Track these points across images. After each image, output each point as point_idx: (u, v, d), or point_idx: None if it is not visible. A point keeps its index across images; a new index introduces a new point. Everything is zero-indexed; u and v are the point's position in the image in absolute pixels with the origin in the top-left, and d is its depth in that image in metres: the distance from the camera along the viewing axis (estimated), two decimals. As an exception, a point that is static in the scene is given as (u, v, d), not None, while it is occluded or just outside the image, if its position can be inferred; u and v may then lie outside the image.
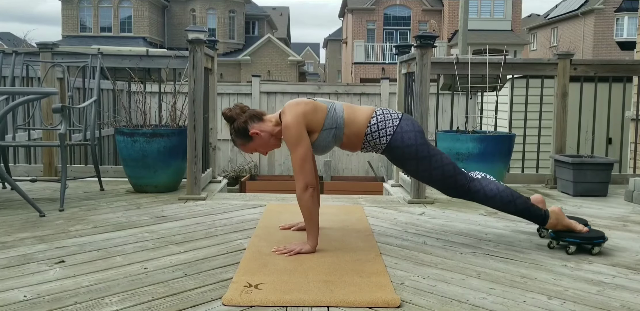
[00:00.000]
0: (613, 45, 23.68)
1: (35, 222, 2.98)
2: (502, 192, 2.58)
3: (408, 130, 2.52)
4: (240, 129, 2.54)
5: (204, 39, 3.95)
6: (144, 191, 3.90)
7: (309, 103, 2.48)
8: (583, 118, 4.61)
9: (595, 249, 2.51)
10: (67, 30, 28.53)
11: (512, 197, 2.58)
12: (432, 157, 2.53)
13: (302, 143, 2.41)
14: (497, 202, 2.58)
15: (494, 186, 2.59)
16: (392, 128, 2.51)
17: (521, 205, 2.58)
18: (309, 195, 2.42)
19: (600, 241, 2.51)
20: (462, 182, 2.57)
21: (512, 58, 4.46)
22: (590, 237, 2.52)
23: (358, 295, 1.91)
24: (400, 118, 2.55)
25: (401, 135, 2.50)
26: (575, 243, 2.51)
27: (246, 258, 2.33)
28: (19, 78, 4.16)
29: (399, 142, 2.51)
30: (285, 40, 37.79)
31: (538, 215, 2.60)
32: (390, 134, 2.51)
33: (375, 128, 2.52)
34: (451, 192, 2.62)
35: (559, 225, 2.58)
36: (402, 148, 2.51)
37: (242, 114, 2.54)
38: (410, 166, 2.56)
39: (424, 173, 2.56)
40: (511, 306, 1.87)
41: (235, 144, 2.63)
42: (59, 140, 3.41)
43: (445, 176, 2.55)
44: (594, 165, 4.01)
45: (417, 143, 2.51)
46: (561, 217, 2.59)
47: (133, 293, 1.93)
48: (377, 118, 2.53)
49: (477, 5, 25.39)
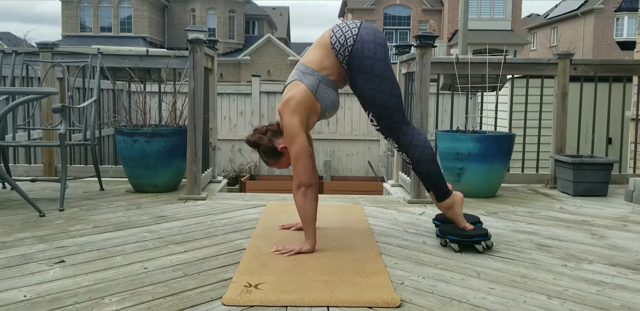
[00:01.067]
0: (613, 45, 23.68)
1: (35, 221, 2.98)
2: (427, 149, 2.57)
3: (368, 40, 2.45)
4: (270, 150, 2.55)
5: (204, 39, 3.95)
6: (144, 191, 3.90)
7: (293, 97, 2.43)
8: (583, 118, 4.61)
9: (479, 247, 2.50)
10: (67, 30, 28.54)
11: (432, 158, 2.57)
12: (384, 79, 2.45)
13: (296, 142, 2.41)
14: (416, 154, 2.56)
15: (423, 138, 2.58)
16: (352, 38, 2.44)
17: (435, 170, 2.58)
18: (300, 194, 2.42)
19: (480, 239, 2.50)
20: (398, 119, 2.53)
21: (512, 58, 4.46)
22: (469, 235, 2.52)
23: (358, 295, 1.91)
24: (359, 26, 2.49)
25: (362, 45, 2.43)
26: (455, 241, 2.52)
27: (246, 258, 2.33)
28: (19, 78, 4.16)
29: (359, 52, 2.43)
30: (285, 40, 37.79)
31: (443, 188, 2.60)
32: (351, 44, 2.43)
33: (339, 45, 2.45)
34: (382, 124, 2.54)
35: (451, 210, 2.59)
36: (360, 59, 2.43)
37: (264, 136, 2.55)
38: (360, 80, 2.47)
39: (368, 92, 2.47)
40: (511, 306, 1.87)
41: (268, 164, 2.64)
42: (59, 140, 3.41)
43: (386, 105, 2.48)
44: (594, 165, 4.01)
45: (375, 57, 2.43)
46: (458, 205, 2.59)
47: (133, 293, 1.93)
48: (336, 35, 2.47)
49: (477, 5, 25.40)
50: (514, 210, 3.51)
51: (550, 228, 3.02)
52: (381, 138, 9.90)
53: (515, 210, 3.52)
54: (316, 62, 2.49)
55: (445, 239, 2.57)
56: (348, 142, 10.10)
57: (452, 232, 2.55)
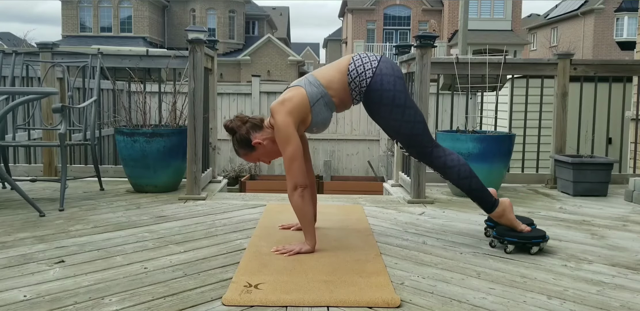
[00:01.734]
0: (613, 45, 23.68)
1: (35, 221, 2.98)
2: (462, 166, 2.57)
3: (387, 73, 2.48)
4: (243, 140, 2.54)
5: (204, 39, 3.95)
6: (144, 191, 3.90)
7: (292, 98, 2.44)
8: (583, 118, 4.61)
9: (534, 248, 2.49)
10: (67, 30, 28.54)
11: (470, 174, 2.57)
12: (407, 108, 2.49)
13: (291, 143, 2.40)
14: (453, 174, 2.57)
15: (456, 157, 2.59)
16: (371, 70, 2.47)
17: (476, 184, 2.58)
18: (297, 195, 2.42)
19: (538, 241, 2.49)
20: (427, 144, 2.55)
21: (512, 58, 4.46)
22: (528, 236, 2.51)
23: (358, 295, 1.91)
24: (379, 60, 2.51)
25: (380, 78, 2.46)
26: (513, 242, 2.51)
27: (246, 258, 2.33)
28: (19, 78, 4.16)
29: (378, 85, 2.46)
30: (285, 40, 37.80)
31: (489, 200, 2.59)
32: (370, 77, 2.46)
33: (355, 73, 2.47)
34: (413, 151, 2.59)
35: (504, 218, 2.57)
36: (380, 91, 2.46)
37: (243, 125, 2.54)
38: (383, 112, 2.50)
39: (393, 123, 2.51)
40: (511, 306, 1.87)
41: (238, 154, 2.62)
42: (59, 140, 3.41)
43: (412, 133, 2.52)
44: (594, 165, 4.01)
45: (395, 89, 2.46)
46: (509, 211, 2.58)
47: (133, 293, 1.93)
48: (355, 63, 2.49)
49: (477, 5, 25.40)
50: (514, 210, 3.51)
51: (550, 228, 3.02)
52: (381, 138, 9.90)
53: (515, 210, 3.51)
54: (326, 80, 2.50)
55: (499, 240, 2.56)
56: (348, 142, 10.10)
57: (509, 233, 2.54)
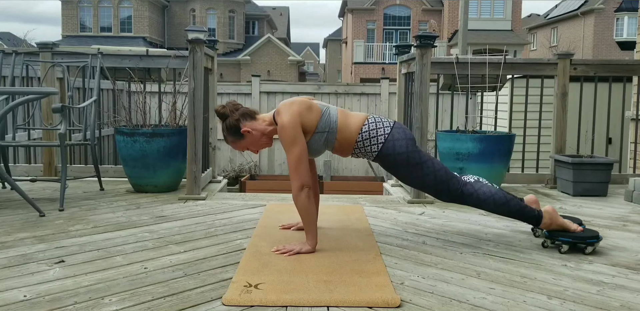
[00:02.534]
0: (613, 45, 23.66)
1: (35, 221, 2.98)
2: (495, 195, 2.58)
3: (399, 138, 2.53)
4: (232, 126, 2.54)
5: (204, 39, 3.95)
6: (144, 191, 3.90)
7: (304, 103, 2.48)
8: (583, 118, 4.61)
9: (589, 248, 2.49)
10: (67, 30, 28.53)
11: (505, 199, 2.58)
12: (423, 164, 2.54)
13: (298, 144, 2.41)
14: (490, 205, 2.59)
15: (487, 189, 2.59)
16: (383, 136, 2.52)
17: (514, 206, 2.58)
18: (304, 195, 2.42)
19: (593, 241, 2.50)
20: (455, 187, 2.57)
21: (512, 58, 4.46)
22: (583, 237, 2.51)
23: (358, 295, 1.91)
24: (392, 126, 2.56)
25: (392, 143, 2.51)
26: (567, 243, 2.51)
27: (246, 258, 2.33)
28: (19, 78, 4.16)
29: (391, 150, 2.51)
30: (285, 40, 37.79)
31: (531, 216, 2.60)
32: (381, 142, 2.51)
33: (367, 135, 2.52)
34: (444, 197, 2.62)
35: (553, 224, 2.58)
36: (394, 155, 2.52)
37: (235, 112, 2.54)
38: (402, 173, 2.58)
39: (416, 180, 2.57)
40: (511, 306, 1.87)
41: (226, 141, 2.63)
42: (58, 140, 3.41)
43: (437, 181, 2.55)
44: (594, 165, 4.01)
45: (408, 151, 2.52)
46: (555, 217, 2.58)
47: (133, 293, 1.93)
48: (369, 125, 2.54)
49: (477, 5, 25.39)
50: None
51: (550, 228, 3.02)
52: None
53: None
54: (342, 123, 2.52)
55: (551, 240, 2.56)
56: (348, 142, 10.09)
57: (563, 233, 2.54)
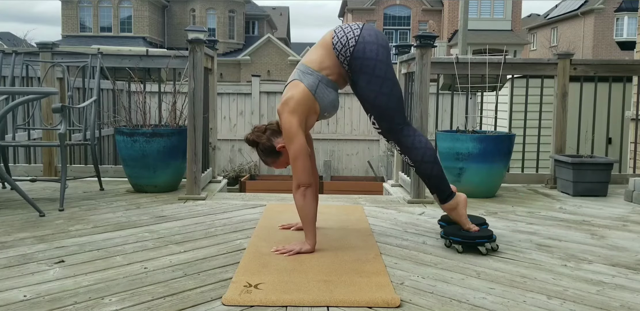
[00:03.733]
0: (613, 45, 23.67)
1: (35, 221, 2.98)
2: (429, 150, 2.55)
3: (370, 41, 2.46)
4: (268, 149, 2.55)
5: (204, 39, 3.96)
6: (144, 191, 3.90)
7: (292, 97, 2.44)
8: (583, 118, 4.61)
9: (482, 249, 2.47)
10: (67, 30, 28.54)
11: (435, 159, 2.56)
12: (386, 80, 2.46)
13: (294, 142, 2.41)
14: (418, 156, 2.54)
15: (424, 140, 2.57)
16: (353, 39, 2.45)
17: (437, 171, 2.56)
18: (300, 194, 2.42)
19: (483, 241, 2.48)
20: (399, 120, 2.53)
21: (512, 58, 4.46)
22: (473, 236, 2.50)
23: (358, 295, 1.91)
24: (362, 28, 2.50)
25: (363, 46, 2.44)
26: (458, 242, 2.51)
27: (246, 258, 2.33)
28: (19, 78, 4.16)
29: (361, 53, 2.44)
30: (285, 40, 37.78)
31: (446, 190, 2.58)
32: (352, 45, 2.45)
33: (340, 45, 2.46)
34: (383, 126, 2.54)
35: (455, 211, 2.57)
36: (362, 60, 2.44)
37: (263, 134, 2.55)
38: (361, 81, 2.48)
39: (370, 93, 2.48)
40: (511, 306, 1.87)
41: (267, 164, 2.62)
42: (58, 140, 3.41)
43: (388, 106, 2.49)
44: (594, 165, 4.01)
45: (377, 58, 2.45)
46: (462, 206, 2.57)
47: (133, 293, 1.93)
48: (338, 35, 2.48)
49: (477, 5, 25.40)
50: (514, 210, 3.52)
51: (550, 228, 3.02)
52: (381, 138, 9.89)
53: (515, 210, 3.52)
54: (316, 62, 2.49)
55: (449, 240, 2.57)
56: (348, 142, 10.10)
57: (455, 233, 2.54)
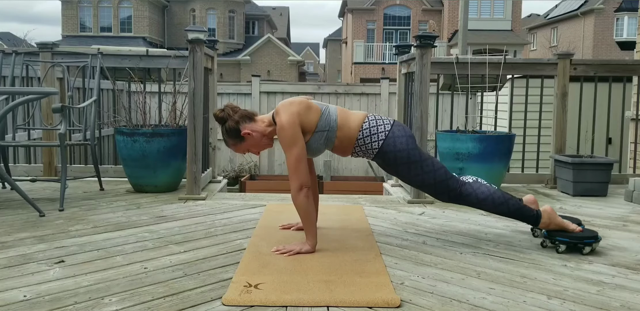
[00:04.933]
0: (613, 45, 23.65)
1: (35, 221, 2.98)
2: (494, 194, 2.58)
3: (400, 135, 2.54)
4: (232, 129, 2.54)
5: (204, 39, 3.95)
6: (144, 191, 3.90)
7: (303, 103, 2.48)
8: (583, 118, 4.61)
9: (586, 249, 2.49)
10: (67, 30, 28.53)
11: (504, 198, 2.58)
12: (423, 162, 2.54)
13: (297, 144, 2.41)
14: (489, 204, 2.59)
15: (485, 189, 2.60)
16: (384, 133, 2.52)
17: (513, 206, 2.58)
18: (303, 195, 2.43)
19: (591, 241, 2.49)
20: (454, 186, 2.58)
21: (512, 58, 4.46)
22: (581, 237, 2.51)
23: (358, 295, 1.91)
24: (392, 124, 2.58)
25: (393, 140, 2.52)
26: (565, 243, 2.51)
27: (246, 258, 2.33)
28: (19, 78, 4.16)
29: (392, 147, 2.52)
30: (285, 40, 37.79)
31: (530, 215, 2.60)
32: (382, 139, 2.52)
33: (368, 133, 2.53)
34: (443, 197, 2.62)
35: (552, 224, 2.58)
36: (394, 152, 2.52)
37: (234, 114, 2.55)
38: (402, 171, 2.58)
39: (416, 178, 2.57)
40: (511, 306, 1.87)
41: (227, 144, 2.63)
42: (58, 140, 3.41)
43: (437, 180, 2.56)
44: (594, 165, 4.01)
45: (408, 148, 2.53)
46: (553, 216, 2.59)
47: (133, 293, 1.93)
48: (370, 123, 2.55)
49: (477, 5, 25.38)
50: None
51: (550, 228, 3.02)
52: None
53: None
54: (342, 121, 2.53)
55: (550, 240, 2.56)
56: (348, 142, 10.09)
57: (561, 233, 2.53)
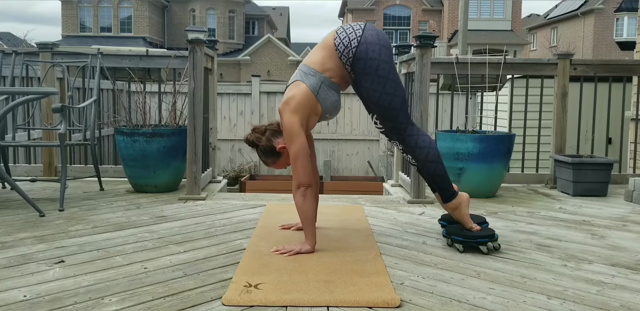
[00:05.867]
0: (613, 45, 23.68)
1: (35, 221, 2.98)
2: (432, 149, 2.56)
3: (372, 41, 2.45)
4: (268, 149, 2.55)
5: (204, 39, 3.95)
6: (144, 191, 3.90)
7: (293, 97, 2.44)
8: (583, 118, 4.61)
9: (483, 248, 2.47)
10: (67, 30, 28.53)
11: (438, 159, 2.57)
12: (388, 80, 2.47)
13: (295, 142, 2.41)
14: (422, 155, 2.56)
15: (428, 139, 2.58)
16: (356, 40, 2.44)
17: (440, 170, 2.57)
18: (299, 194, 2.42)
19: (485, 241, 2.48)
20: (402, 120, 2.54)
21: (512, 58, 4.46)
22: (475, 236, 2.50)
23: (358, 295, 1.91)
24: (364, 28, 2.49)
25: (365, 46, 2.44)
26: (460, 242, 2.51)
27: (246, 258, 2.33)
28: (18, 78, 4.16)
29: (363, 54, 2.43)
30: (285, 40, 37.77)
31: (448, 189, 2.59)
32: (355, 46, 2.44)
33: (342, 46, 2.45)
34: (387, 125, 2.57)
35: (457, 211, 2.58)
36: (365, 60, 2.44)
37: (263, 135, 2.55)
38: (364, 82, 2.48)
39: (373, 93, 2.48)
40: (511, 306, 1.87)
41: (266, 164, 2.62)
42: (58, 140, 3.41)
43: (391, 106, 2.50)
44: (594, 165, 4.01)
45: (379, 58, 2.44)
46: (464, 205, 2.58)
47: (133, 293, 1.93)
48: (340, 36, 2.47)
49: (477, 5, 25.40)
50: (514, 210, 3.52)
51: (550, 228, 3.02)
52: (381, 138, 9.90)
53: (515, 210, 3.52)
54: (319, 63, 2.49)
55: (450, 239, 2.57)
56: (348, 142, 10.10)
57: (457, 233, 2.54)
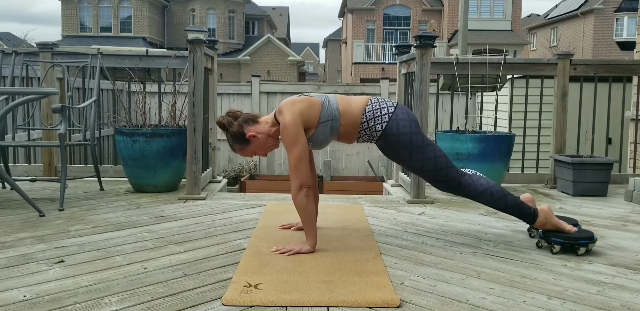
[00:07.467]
0: (613, 45, 23.67)
1: (35, 221, 2.98)
2: (493, 188, 2.59)
3: (403, 118, 2.53)
4: (237, 134, 2.55)
5: (204, 39, 3.95)
6: (144, 191, 3.90)
7: (304, 101, 2.49)
8: (583, 118, 4.61)
9: (581, 250, 2.48)
10: (67, 30, 28.53)
11: (503, 193, 2.59)
12: (425, 147, 2.54)
13: (299, 143, 2.41)
14: (487, 197, 2.59)
15: (485, 181, 2.60)
16: (387, 115, 2.52)
17: (511, 202, 2.59)
18: (303, 195, 2.43)
19: (585, 242, 2.49)
20: (453, 176, 2.58)
21: (512, 58, 4.46)
22: (576, 238, 2.50)
23: (358, 295, 1.91)
24: (395, 106, 2.57)
25: (396, 122, 2.51)
26: (559, 243, 2.50)
27: (246, 258, 2.33)
28: (18, 78, 4.16)
29: (395, 129, 2.51)
30: (285, 40, 37.78)
31: (527, 213, 2.60)
32: (385, 121, 2.51)
33: (371, 115, 2.52)
34: (442, 185, 2.62)
35: (548, 224, 2.58)
36: (397, 135, 2.52)
37: (236, 119, 2.56)
38: (403, 155, 2.57)
39: (416, 163, 2.56)
40: (511, 306, 1.87)
41: (233, 150, 2.63)
42: (58, 140, 3.41)
43: (437, 168, 2.56)
44: (594, 165, 4.01)
45: (411, 132, 2.52)
46: (550, 216, 2.59)
47: (132, 293, 1.93)
48: (372, 105, 2.55)
49: (477, 5, 25.39)
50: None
51: (550, 228, 3.02)
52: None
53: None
54: (344, 108, 2.53)
55: (546, 241, 2.55)
56: (348, 142, 10.09)
57: (556, 234, 2.53)
